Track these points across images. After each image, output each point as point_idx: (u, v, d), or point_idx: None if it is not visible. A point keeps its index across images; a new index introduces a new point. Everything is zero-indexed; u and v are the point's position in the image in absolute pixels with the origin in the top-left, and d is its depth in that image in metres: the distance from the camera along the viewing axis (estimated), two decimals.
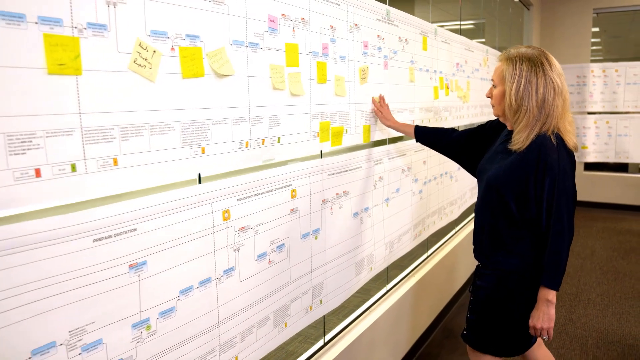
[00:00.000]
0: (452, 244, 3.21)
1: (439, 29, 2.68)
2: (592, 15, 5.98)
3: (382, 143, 2.10)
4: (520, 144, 1.48)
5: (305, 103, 1.52)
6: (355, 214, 1.89)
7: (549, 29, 6.20)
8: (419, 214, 2.55)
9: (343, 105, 1.74)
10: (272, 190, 1.41)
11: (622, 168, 6.45)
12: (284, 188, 1.47)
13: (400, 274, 2.57)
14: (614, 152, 5.95)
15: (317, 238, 1.65)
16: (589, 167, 6.26)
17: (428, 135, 1.98)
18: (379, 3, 1.98)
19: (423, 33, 2.45)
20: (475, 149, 1.81)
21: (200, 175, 1.17)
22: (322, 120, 1.61)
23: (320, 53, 1.58)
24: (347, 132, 1.77)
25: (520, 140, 1.49)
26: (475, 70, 3.40)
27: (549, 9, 6.17)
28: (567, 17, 6.09)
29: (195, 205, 1.14)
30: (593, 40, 6.16)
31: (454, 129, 1.97)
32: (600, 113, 6.01)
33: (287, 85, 1.42)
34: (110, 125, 0.93)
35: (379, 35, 1.98)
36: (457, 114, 3.03)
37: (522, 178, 1.48)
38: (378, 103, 1.96)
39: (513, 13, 5.18)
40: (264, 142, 1.35)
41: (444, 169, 2.93)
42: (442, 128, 2.00)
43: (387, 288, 2.37)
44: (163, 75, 1.03)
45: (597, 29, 6.54)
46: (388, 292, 2.37)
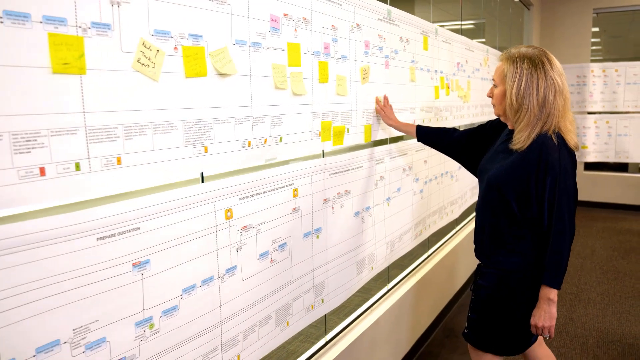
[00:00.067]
0: (452, 244, 3.22)
1: (440, 29, 2.69)
2: (592, 15, 5.99)
3: (383, 142, 2.11)
4: (522, 144, 1.49)
5: (307, 102, 1.52)
6: (357, 214, 1.90)
7: (549, 29, 6.21)
8: (420, 214, 2.56)
9: (344, 105, 1.74)
10: (274, 190, 1.41)
11: (622, 168, 6.45)
12: (286, 187, 1.47)
13: (401, 274, 2.57)
14: (614, 151, 5.96)
15: (318, 237, 1.65)
16: (589, 166, 6.27)
17: (429, 135, 1.99)
18: (380, 3, 1.98)
19: (424, 33, 2.46)
20: (476, 149, 1.82)
21: (203, 174, 1.17)
22: (323, 120, 1.62)
23: (322, 53, 1.59)
24: (348, 131, 1.78)
25: (521, 140, 1.49)
26: (476, 70, 3.41)
27: (549, 9, 6.17)
28: (567, 17, 6.10)
29: (198, 204, 1.15)
30: (593, 40, 6.16)
31: (455, 129, 1.98)
32: (600, 113, 6.02)
33: (289, 85, 1.43)
34: (114, 124, 0.93)
35: (380, 35, 1.99)
36: (457, 114, 3.04)
37: (523, 177, 1.48)
38: (382, 103, 1.97)
39: (513, 13, 5.18)
40: (266, 141, 1.36)
41: (445, 169, 2.94)
42: (443, 128, 2.00)
43: (387, 287, 2.37)
44: (166, 75, 1.03)
45: (597, 29, 6.54)
46: (389, 291, 2.37)
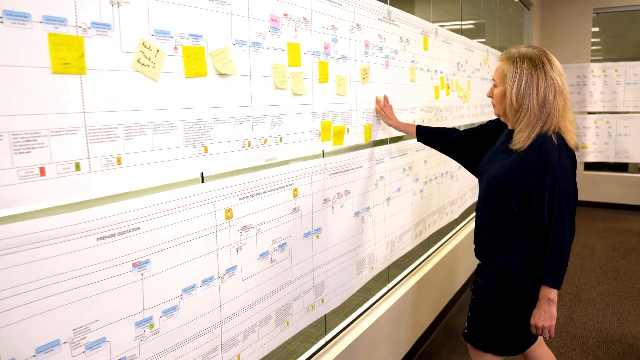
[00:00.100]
0: (452, 244, 3.22)
1: (440, 29, 2.69)
2: (592, 15, 5.99)
3: (383, 142, 2.11)
4: (522, 144, 1.49)
5: (307, 102, 1.52)
6: (357, 213, 1.90)
7: (549, 29, 6.21)
8: (420, 214, 2.56)
9: (344, 105, 1.74)
10: (274, 190, 1.41)
11: (622, 168, 6.46)
12: (286, 187, 1.47)
13: (401, 274, 2.57)
14: (614, 151, 5.96)
15: (318, 237, 1.65)
16: (589, 166, 6.27)
17: (430, 135, 1.99)
18: (380, 3, 1.98)
19: (424, 33, 2.46)
20: (476, 149, 1.82)
21: (203, 174, 1.17)
22: (323, 120, 1.62)
23: (322, 53, 1.59)
24: (348, 131, 1.78)
25: (522, 140, 1.49)
26: (476, 70, 3.41)
27: (549, 9, 6.17)
28: (567, 17, 6.10)
29: (198, 204, 1.15)
30: (593, 40, 6.16)
31: (455, 129, 1.98)
32: (600, 113, 6.02)
33: (289, 85, 1.43)
34: (114, 124, 0.93)
35: (380, 35, 1.99)
36: (457, 114, 3.04)
37: (523, 177, 1.48)
38: (382, 103, 1.98)
39: (513, 13, 5.18)
40: (266, 141, 1.36)
41: (445, 169, 2.94)
42: (443, 128, 2.00)
43: (388, 287, 2.37)
44: (166, 75, 1.03)
45: (597, 29, 6.54)
46: (389, 291, 2.37)
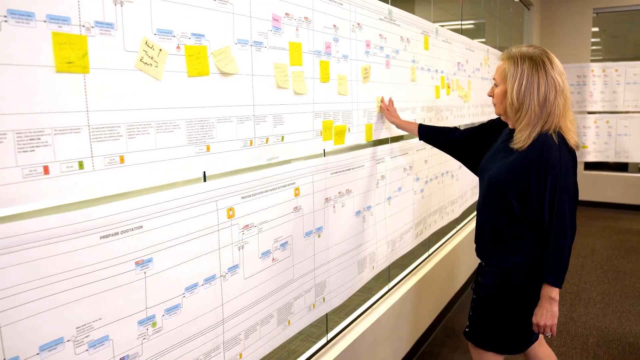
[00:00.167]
0: (453, 243, 3.22)
1: (440, 29, 2.69)
2: (592, 15, 6.00)
3: (384, 142, 2.11)
4: (522, 143, 1.49)
5: (309, 102, 1.53)
6: (358, 213, 1.90)
7: (549, 29, 6.21)
8: (421, 213, 2.56)
9: (346, 104, 1.74)
10: (275, 189, 1.42)
11: (622, 167, 6.46)
12: (288, 186, 1.47)
13: (402, 273, 2.57)
14: (614, 151, 5.96)
15: (320, 236, 1.65)
16: (589, 166, 6.28)
17: (431, 134, 2.00)
18: (381, 2, 1.99)
19: (424, 32, 2.46)
20: (477, 148, 1.82)
21: (205, 173, 1.17)
22: (325, 119, 1.62)
23: (324, 52, 1.59)
24: (349, 130, 1.78)
25: (522, 139, 1.49)
26: (476, 70, 3.41)
27: (549, 9, 6.18)
28: (567, 17, 6.10)
29: (200, 203, 1.15)
30: (593, 40, 6.17)
31: (457, 128, 1.99)
32: (600, 112, 6.02)
33: (290, 84, 1.43)
34: (117, 123, 0.94)
35: (381, 35, 1.99)
36: (458, 113, 3.04)
37: (524, 176, 1.49)
38: (386, 103, 2.03)
39: (513, 13, 5.19)
40: (268, 140, 1.36)
41: (445, 168, 2.94)
42: (445, 127, 2.01)
43: (388, 287, 2.37)
44: (169, 74, 1.04)
45: (597, 29, 6.55)
46: (389, 290, 2.38)
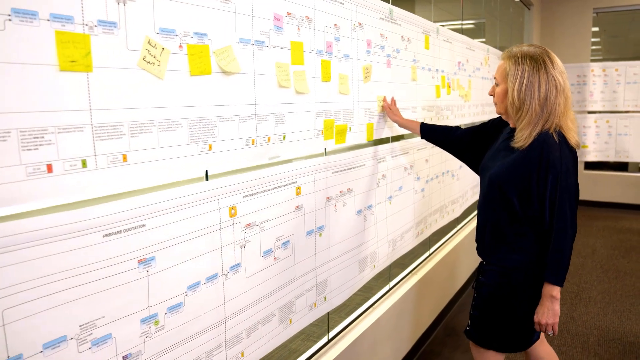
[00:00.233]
0: (453, 242, 3.23)
1: (441, 28, 2.69)
2: (592, 15, 6.00)
3: (385, 141, 2.12)
4: (523, 142, 1.49)
5: (310, 101, 1.53)
6: (359, 212, 1.90)
7: (549, 29, 6.22)
8: (421, 212, 2.56)
9: (347, 104, 1.75)
10: (277, 188, 1.42)
11: (622, 167, 6.47)
12: (289, 185, 1.48)
13: (402, 272, 2.58)
14: (614, 151, 5.97)
15: (321, 235, 1.66)
16: (589, 166, 6.28)
17: (433, 133, 2.00)
18: (382, 2, 1.99)
19: (425, 32, 2.46)
20: (479, 147, 1.83)
21: (207, 172, 1.18)
22: (326, 118, 1.62)
23: (325, 51, 1.59)
24: (350, 130, 1.78)
25: (523, 138, 1.49)
26: (477, 70, 3.41)
27: (549, 9, 6.18)
28: (567, 16, 6.11)
29: (203, 202, 1.15)
30: (593, 40, 6.17)
31: (458, 127, 1.99)
32: (601, 112, 6.02)
33: (292, 83, 1.43)
34: (120, 122, 0.94)
35: (382, 34, 1.99)
36: (458, 113, 3.04)
37: (524, 175, 1.49)
38: (389, 102, 2.05)
39: (513, 13, 5.19)
40: (270, 139, 1.36)
41: (446, 167, 2.94)
42: (446, 126, 2.01)
43: (389, 286, 2.38)
44: (171, 73, 1.04)
45: (597, 29, 6.55)
46: (390, 290, 2.38)
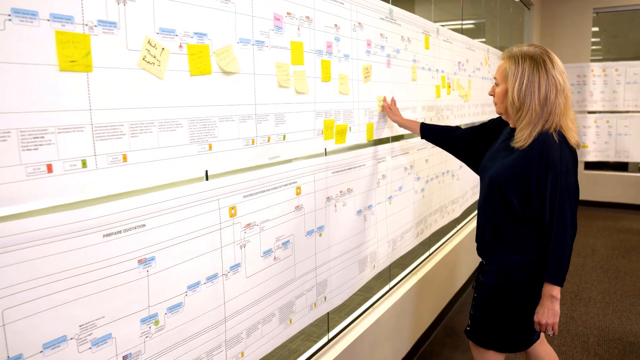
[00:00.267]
0: (453, 243, 3.23)
1: (441, 28, 2.69)
2: (592, 15, 6.00)
3: (385, 141, 2.12)
4: (523, 142, 1.49)
5: (310, 101, 1.53)
6: (359, 212, 1.90)
7: (549, 29, 6.22)
8: (421, 212, 2.56)
9: (347, 104, 1.75)
10: (277, 188, 1.42)
11: (622, 167, 6.47)
12: (289, 185, 1.48)
13: (402, 272, 2.58)
14: (614, 151, 5.97)
15: (321, 235, 1.66)
16: (589, 166, 6.28)
17: (433, 133, 2.00)
18: (382, 2, 1.99)
19: (425, 32, 2.46)
20: (479, 147, 1.83)
21: (207, 172, 1.18)
22: (326, 118, 1.62)
23: (325, 51, 1.59)
24: (350, 130, 1.78)
25: (523, 138, 1.49)
26: (477, 70, 3.41)
27: (549, 9, 6.18)
28: (567, 16, 6.11)
29: (203, 202, 1.15)
30: (593, 40, 6.17)
31: (458, 127, 1.99)
32: (601, 112, 6.02)
33: (292, 83, 1.43)
34: (120, 122, 0.94)
35: (382, 34, 1.99)
36: (458, 113, 3.04)
37: (524, 175, 1.49)
38: (389, 102, 2.05)
39: (513, 13, 5.19)
40: (270, 139, 1.36)
41: (446, 168, 2.94)
42: (446, 126, 2.01)
43: (389, 286, 2.38)
44: (171, 73, 1.04)
45: (597, 29, 6.55)
46: (390, 290, 2.38)
